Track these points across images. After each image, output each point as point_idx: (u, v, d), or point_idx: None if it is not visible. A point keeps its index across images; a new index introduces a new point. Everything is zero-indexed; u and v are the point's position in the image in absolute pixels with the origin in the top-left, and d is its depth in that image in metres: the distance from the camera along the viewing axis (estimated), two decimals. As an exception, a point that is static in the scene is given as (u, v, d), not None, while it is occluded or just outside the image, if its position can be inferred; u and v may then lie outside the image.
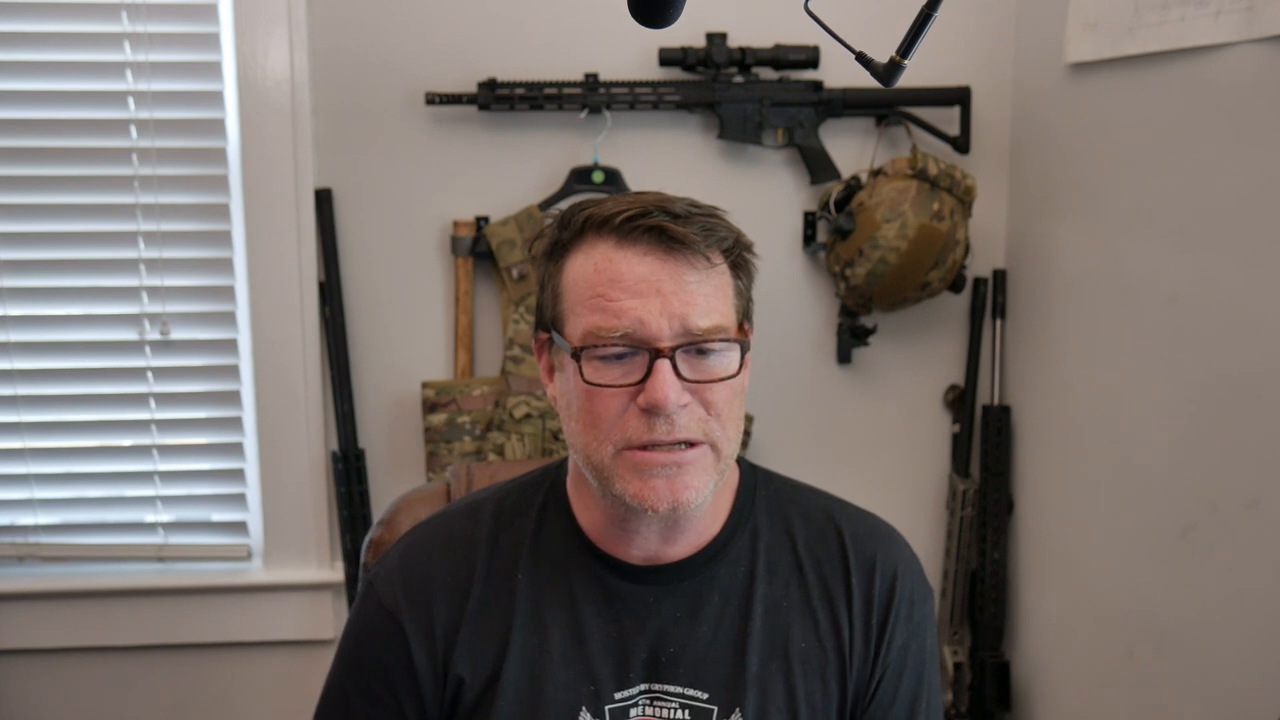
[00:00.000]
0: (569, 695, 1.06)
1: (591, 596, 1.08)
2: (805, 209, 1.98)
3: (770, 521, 1.13)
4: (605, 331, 0.99)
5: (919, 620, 1.12)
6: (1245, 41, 1.37)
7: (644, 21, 0.79)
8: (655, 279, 0.99)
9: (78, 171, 1.90)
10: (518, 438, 1.86)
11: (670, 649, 1.07)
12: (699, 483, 1.01)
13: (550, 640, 1.07)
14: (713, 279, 1.02)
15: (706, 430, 1.01)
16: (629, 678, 1.07)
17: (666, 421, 0.98)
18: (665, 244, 1.00)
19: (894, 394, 2.06)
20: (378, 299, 1.98)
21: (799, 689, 1.07)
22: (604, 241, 1.01)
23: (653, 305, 0.98)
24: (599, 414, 1.00)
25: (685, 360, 0.99)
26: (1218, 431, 1.44)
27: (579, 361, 1.00)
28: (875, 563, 1.11)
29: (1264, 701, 1.33)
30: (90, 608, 1.99)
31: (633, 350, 0.99)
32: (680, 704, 1.07)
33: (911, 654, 1.11)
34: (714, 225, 1.02)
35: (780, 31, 1.90)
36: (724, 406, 1.01)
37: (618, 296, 0.99)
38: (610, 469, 1.01)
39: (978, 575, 2.03)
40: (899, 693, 1.10)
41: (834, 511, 1.15)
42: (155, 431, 1.97)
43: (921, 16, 0.79)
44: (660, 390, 0.97)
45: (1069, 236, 1.81)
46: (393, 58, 1.92)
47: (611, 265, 1.00)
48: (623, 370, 1.00)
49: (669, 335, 0.98)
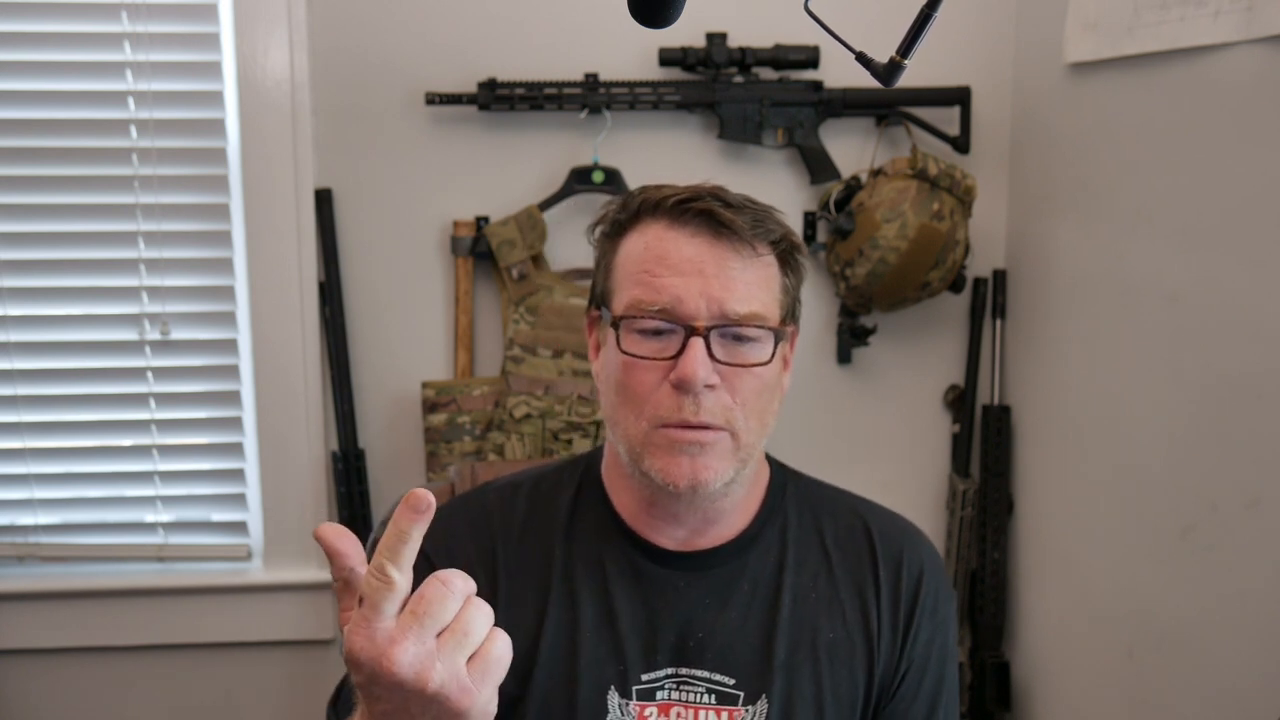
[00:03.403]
0: (599, 673, 1.08)
1: (622, 577, 1.10)
2: (805, 209, 1.98)
3: (799, 516, 1.15)
4: (645, 304, 1.02)
5: (943, 618, 1.14)
6: (1245, 41, 1.37)
7: (644, 21, 0.79)
8: (700, 260, 1.02)
9: (78, 171, 1.90)
10: (518, 438, 1.86)
11: (698, 634, 1.08)
12: (718, 465, 1.03)
13: (583, 618, 1.09)
14: (757, 268, 1.05)
15: (729, 417, 1.03)
16: (656, 660, 1.08)
17: (694, 401, 1.01)
18: (713, 228, 1.03)
19: (894, 394, 2.06)
20: (378, 299, 1.98)
21: (825, 679, 1.09)
22: (657, 223, 1.05)
23: (693, 285, 1.02)
24: (634, 387, 1.03)
25: (719, 343, 1.02)
26: (1218, 431, 1.44)
27: (618, 331, 1.04)
28: (903, 559, 1.13)
29: (1264, 701, 1.33)
30: (90, 608, 1.99)
31: (671, 327, 1.02)
32: (707, 688, 1.08)
33: (935, 651, 1.13)
34: (764, 219, 1.06)
35: (780, 31, 1.90)
36: (751, 396, 1.04)
37: (662, 273, 1.03)
38: (643, 444, 1.04)
39: (978, 575, 2.03)
40: (921, 689, 1.12)
41: (861, 509, 1.18)
42: (155, 431, 1.97)
43: (921, 16, 0.79)
44: (690, 366, 1.00)
45: (1069, 236, 1.81)
46: (393, 58, 1.92)
47: (660, 244, 1.04)
48: (660, 345, 1.03)
49: (706, 315, 1.01)
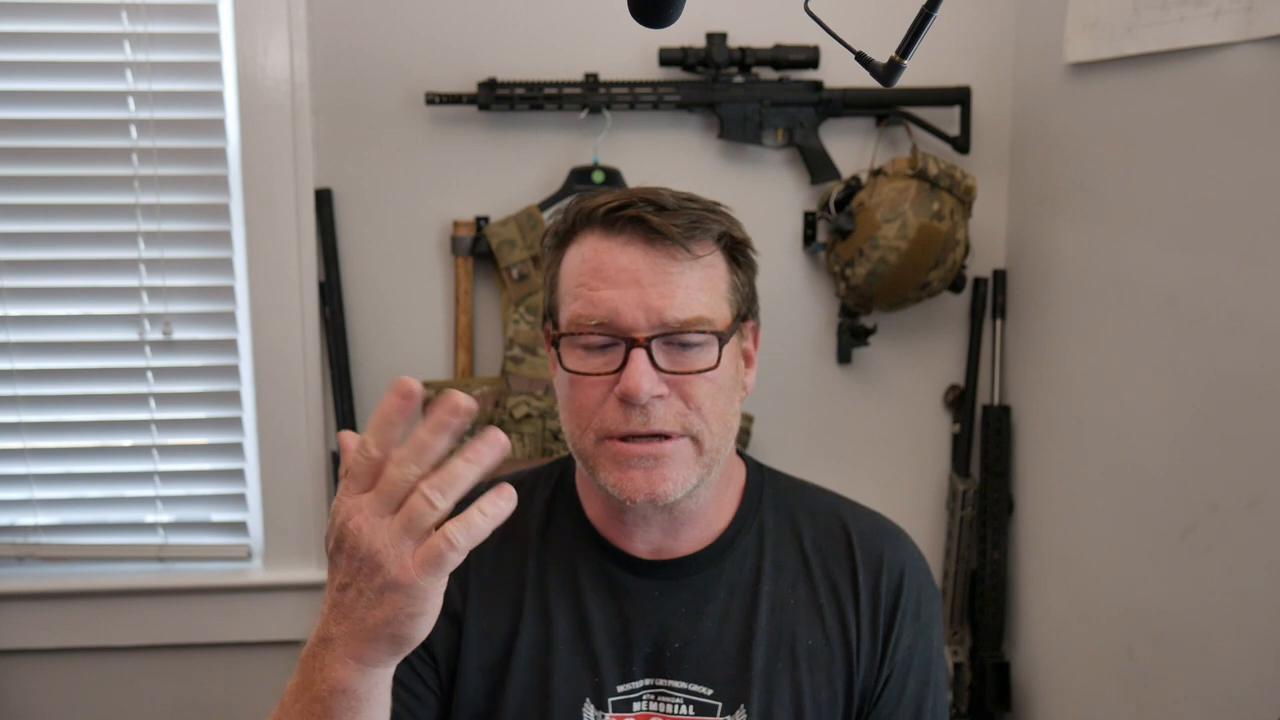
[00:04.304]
0: (574, 686, 1.06)
1: (596, 588, 1.08)
2: (805, 209, 1.98)
3: (777, 519, 1.13)
4: (584, 320, 1.00)
5: (926, 620, 1.12)
6: (1245, 41, 1.37)
7: (644, 21, 0.79)
8: (635, 269, 1.00)
9: (78, 171, 1.90)
10: (518, 438, 1.86)
11: (675, 644, 1.07)
12: (678, 475, 1.00)
13: (556, 630, 1.07)
14: (696, 271, 1.01)
15: (685, 423, 1.00)
16: (632, 671, 1.07)
17: (642, 413, 0.99)
18: (646, 234, 1.00)
19: (894, 394, 2.06)
20: (378, 299, 1.98)
21: (805, 687, 1.07)
22: (592, 233, 1.03)
23: (629, 296, 0.99)
24: (580, 402, 1.01)
25: (663, 352, 1.00)
26: (1218, 431, 1.44)
27: (558, 349, 1.02)
28: (883, 562, 1.11)
29: (1264, 701, 1.33)
30: (90, 608, 1.99)
31: (612, 340, 1.00)
32: (684, 699, 1.06)
33: (918, 654, 1.11)
34: (701, 217, 1.02)
35: (780, 31, 1.90)
36: (705, 400, 1.01)
37: (598, 286, 1.00)
38: (593, 458, 1.02)
39: (978, 575, 2.03)
40: (905, 693, 1.10)
41: (841, 510, 1.15)
42: (155, 431, 1.97)
43: (921, 16, 0.79)
44: (633, 379, 0.98)
45: (1069, 236, 1.81)
46: (393, 58, 1.92)
47: (596, 255, 1.01)
48: (604, 360, 1.00)
49: (645, 326, 0.99)
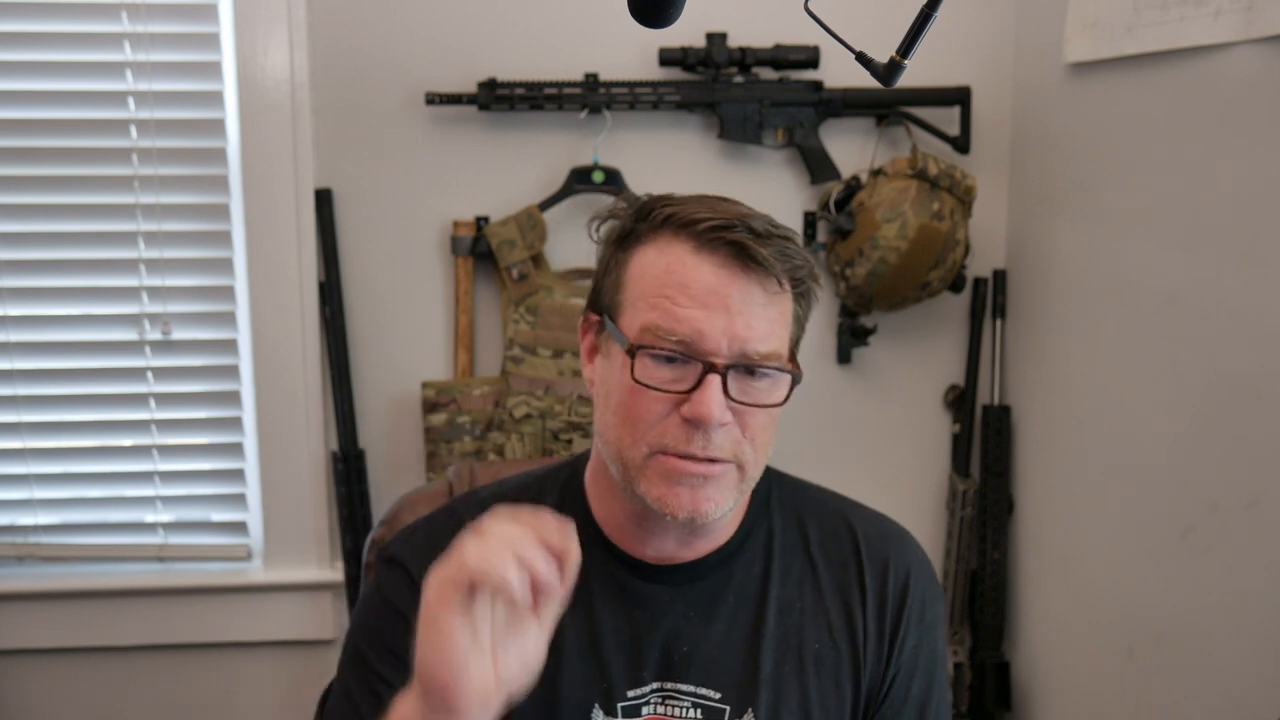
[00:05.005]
0: (583, 692, 1.06)
1: (606, 593, 1.08)
2: (805, 209, 1.98)
3: (784, 523, 1.13)
4: (663, 333, 0.98)
5: (930, 622, 1.12)
6: (1244, 41, 1.37)
7: (644, 21, 0.80)
8: (725, 294, 0.98)
9: (77, 171, 1.90)
10: (518, 438, 1.86)
11: (683, 647, 1.07)
12: (720, 497, 1.00)
13: (565, 636, 1.06)
14: (778, 304, 1.00)
15: (738, 451, 1.00)
16: (642, 676, 1.07)
17: (704, 436, 0.98)
18: (743, 261, 0.98)
19: (894, 394, 2.06)
20: (378, 299, 1.98)
21: (812, 690, 1.07)
22: (681, 244, 1.00)
23: (717, 320, 0.97)
24: (640, 413, 0.99)
25: (736, 380, 0.98)
26: (1218, 431, 1.44)
27: (632, 358, 0.99)
28: (889, 564, 1.11)
29: (1264, 701, 1.33)
30: (90, 608, 1.99)
31: (686, 358, 0.98)
32: (693, 703, 1.06)
33: (923, 656, 1.11)
34: (790, 251, 1.01)
35: (780, 31, 1.90)
36: (760, 431, 1.01)
37: (684, 302, 0.98)
38: (639, 469, 1.00)
39: (978, 575, 2.03)
40: (910, 694, 1.11)
41: (847, 512, 1.15)
42: (155, 431, 1.97)
43: (921, 16, 0.80)
44: (706, 405, 0.96)
45: (1069, 236, 1.81)
46: (393, 58, 1.92)
47: (685, 270, 0.99)
48: (674, 375, 0.98)
49: (726, 353, 0.97)
